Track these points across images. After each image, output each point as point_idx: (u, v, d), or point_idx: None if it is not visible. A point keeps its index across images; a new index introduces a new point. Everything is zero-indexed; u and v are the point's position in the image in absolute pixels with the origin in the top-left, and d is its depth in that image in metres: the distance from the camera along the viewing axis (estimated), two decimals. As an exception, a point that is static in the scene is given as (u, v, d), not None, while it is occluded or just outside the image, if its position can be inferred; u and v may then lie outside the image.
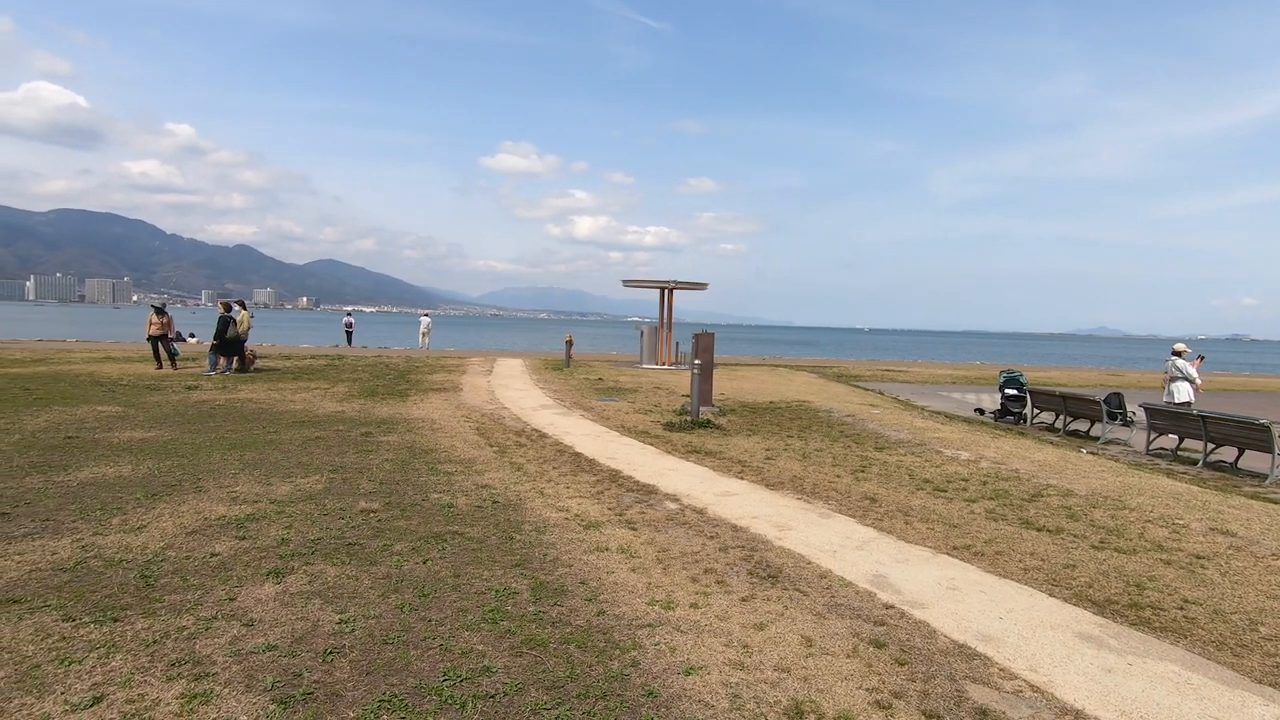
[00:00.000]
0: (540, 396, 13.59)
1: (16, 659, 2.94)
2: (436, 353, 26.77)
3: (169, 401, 10.83)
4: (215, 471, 6.45)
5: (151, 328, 16.02)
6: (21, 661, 2.92)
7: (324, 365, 18.38)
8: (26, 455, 6.84)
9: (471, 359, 23.17)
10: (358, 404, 11.37)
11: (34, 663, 2.91)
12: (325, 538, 4.67)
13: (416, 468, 6.93)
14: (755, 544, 4.98)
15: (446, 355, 25.31)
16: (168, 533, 4.66)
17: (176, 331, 17.34)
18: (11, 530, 4.61)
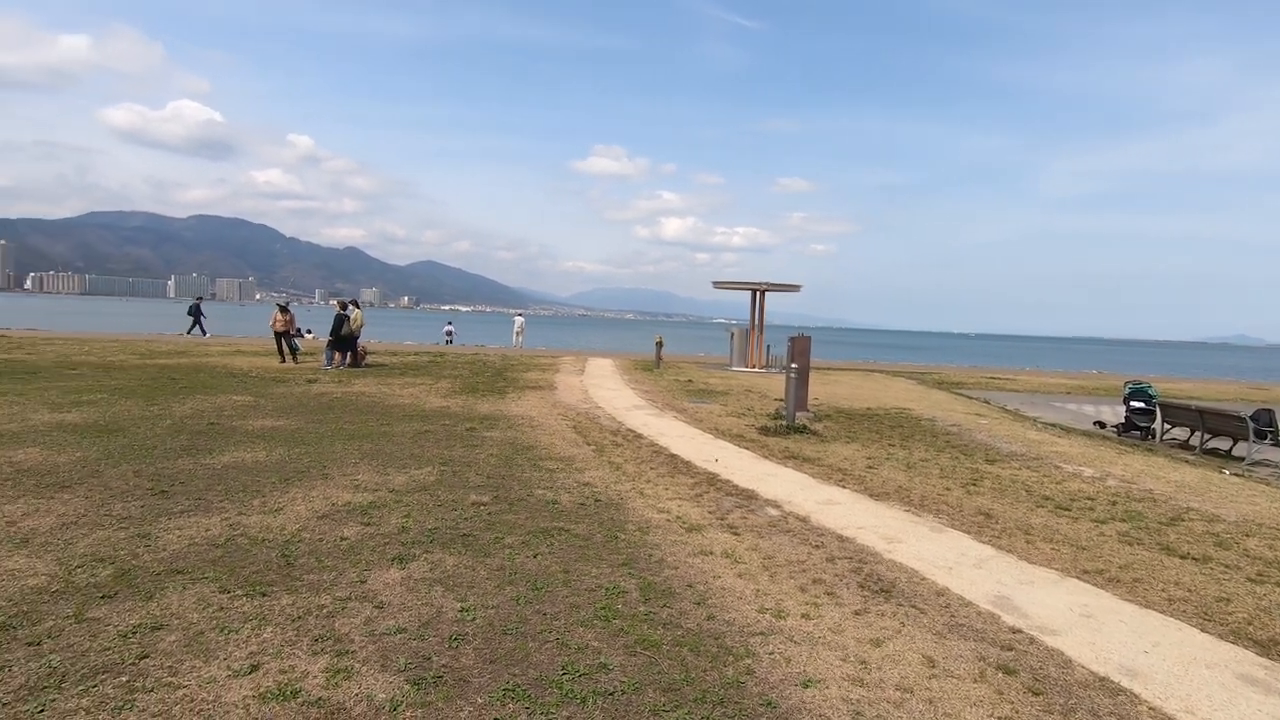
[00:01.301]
0: (633, 397, 13.72)
1: (185, 624, 3.24)
2: (530, 351, 27.55)
3: (293, 393, 11.67)
4: (338, 460, 6.90)
5: (276, 324, 17.34)
6: (189, 628, 3.22)
7: (427, 362, 19.30)
8: (177, 439, 7.54)
9: (563, 358, 23.70)
10: (460, 400, 11.86)
11: (199, 629, 3.21)
12: (441, 528, 4.89)
13: (520, 463, 7.15)
14: (864, 556, 4.82)
15: (539, 354, 26.01)
16: (301, 516, 5.02)
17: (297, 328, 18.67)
18: (170, 507, 5.10)
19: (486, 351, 26.28)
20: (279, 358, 17.20)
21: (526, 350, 28.37)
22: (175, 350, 19.15)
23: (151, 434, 7.71)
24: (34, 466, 6.07)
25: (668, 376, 18.40)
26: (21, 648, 2.97)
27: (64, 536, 4.38)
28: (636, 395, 13.99)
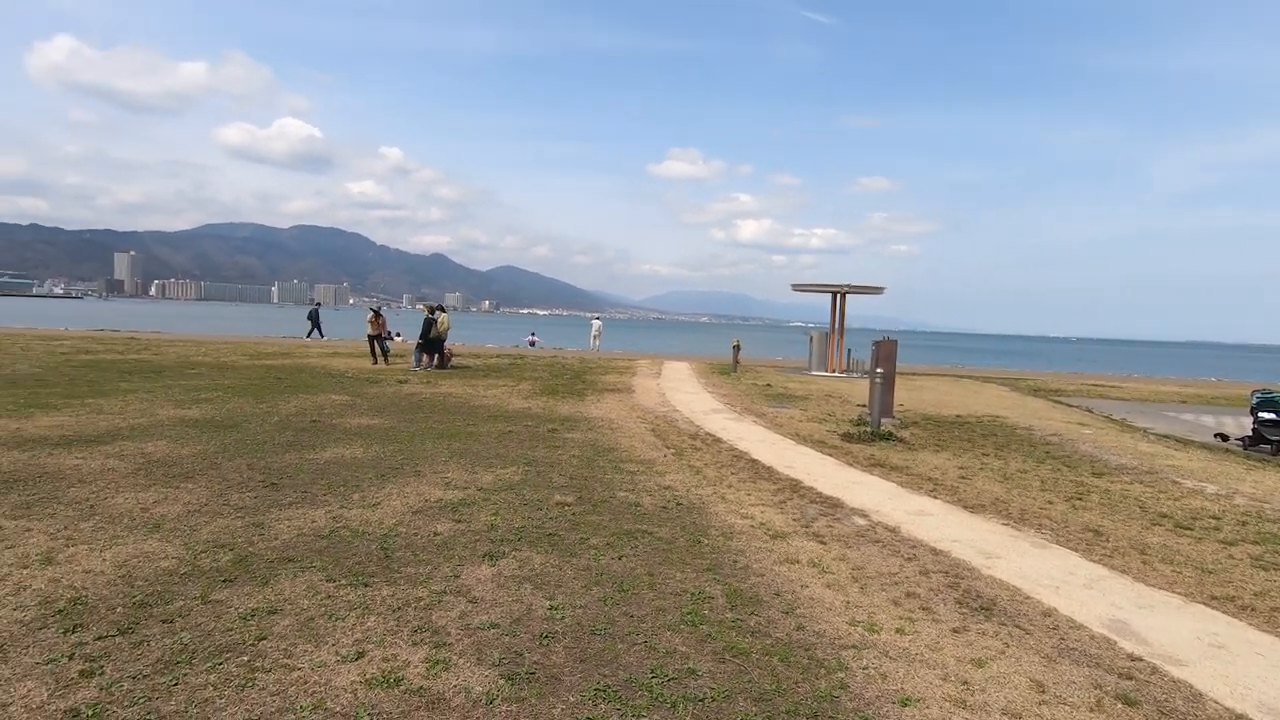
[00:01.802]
0: (710, 400, 13.64)
1: (297, 610, 3.45)
2: (606, 354, 27.87)
3: (385, 393, 12.25)
4: (429, 458, 7.18)
5: (370, 327, 18.25)
6: (300, 613, 3.42)
7: (508, 364, 19.84)
8: (283, 435, 8.05)
9: (639, 361, 23.84)
10: (541, 401, 12.11)
11: (309, 615, 3.40)
12: (528, 526, 5.00)
13: (601, 465, 7.23)
14: (960, 570, 4.59)
15: (616, 357, 26.26)
16: (397, 510, 5.25)
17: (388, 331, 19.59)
18: (280, 499, 5.44)
19: (565, 354, 26.76)
20: (372, 359, 18.09)
21: (603, 353, 28.70)
22: (280, 352, 20.47)
23: (261, 430, 8.26)
24: (162, 458, 6.61)
25: (745, 380, 18.20)
26: (157, 624, 3.24)
27: (189, 523, 4.74)
28: (714, 399, 13.90)
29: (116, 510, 4.95)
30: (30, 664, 2.86)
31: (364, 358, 18.83)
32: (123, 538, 4.40)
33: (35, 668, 2.83)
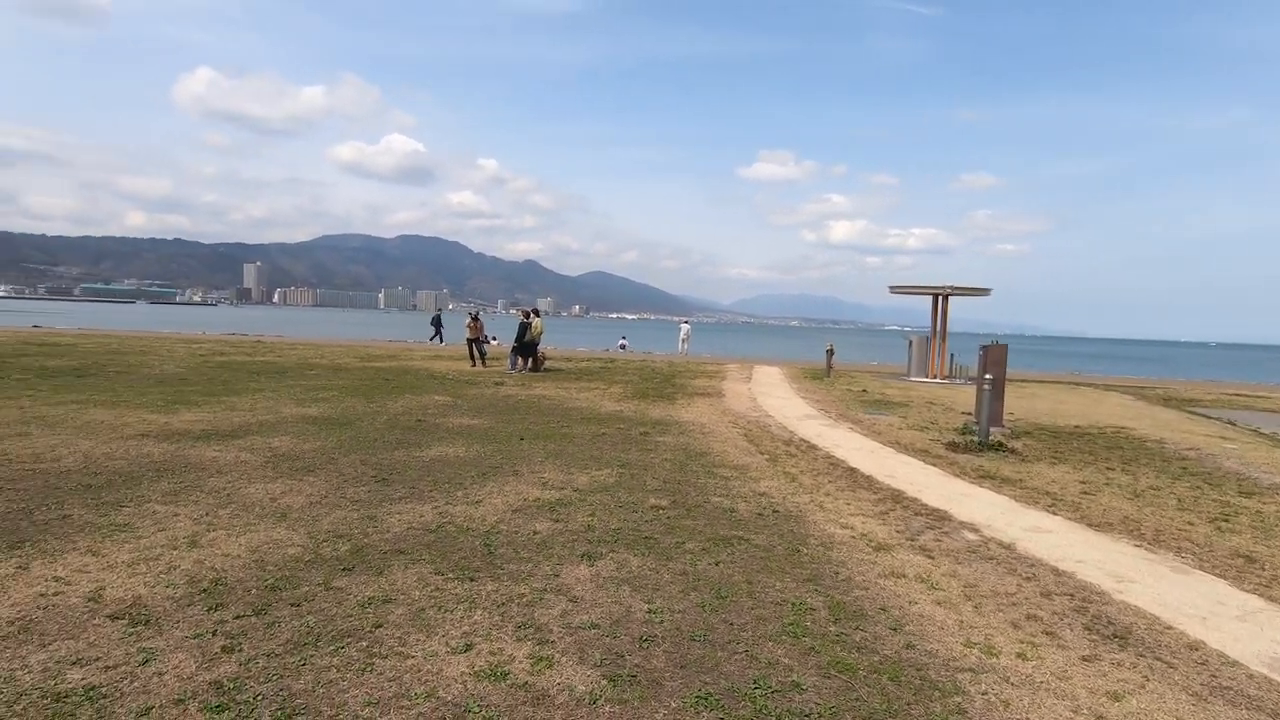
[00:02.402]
0: (803, 406, 13.31)
1: (409, 600, 3.61)
2: (695, 358, 27.78)
3: (483, 395, 12.71)
4: (526, 458, 7.37)
5: (468, 331, 19.03)
6: (413, 604, 3.58)
7: (599, 368, 20.14)
8: (392, 433, 8.50)
9: (728, 365, 23.61)
10: (632, 405, 12.21)
11: (420, 606, 3.55)
12: (624, 528, 5.04)
13: (694, 470, 7.19)
14: (1087, 594, 4.24)
15: (705, 361, 26.13)
16: (498, 508, 5.42)
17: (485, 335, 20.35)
18: (391, 494, 5.74)
19: (654, 358, 26.89)
20: (470, 362, 18.84)
21: (692, 357, 28.64)
22: (387, 355, 21.69)
23: (372, 428, 8.76)
24: (287, 452, 7.13)
25: (839, 385, 17.65)
26: (287, 607, 3.48)
27: (311, 514, 5.08)
28: (807, 404, 13.56)
29: (249, 499, 5.38)
30: (181, 637, 3.13)
31: (463, 360, 19.64)
32: (255, 525, 4.76)
33: (185, 641, 3.10)
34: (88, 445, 6.98)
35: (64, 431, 7.61)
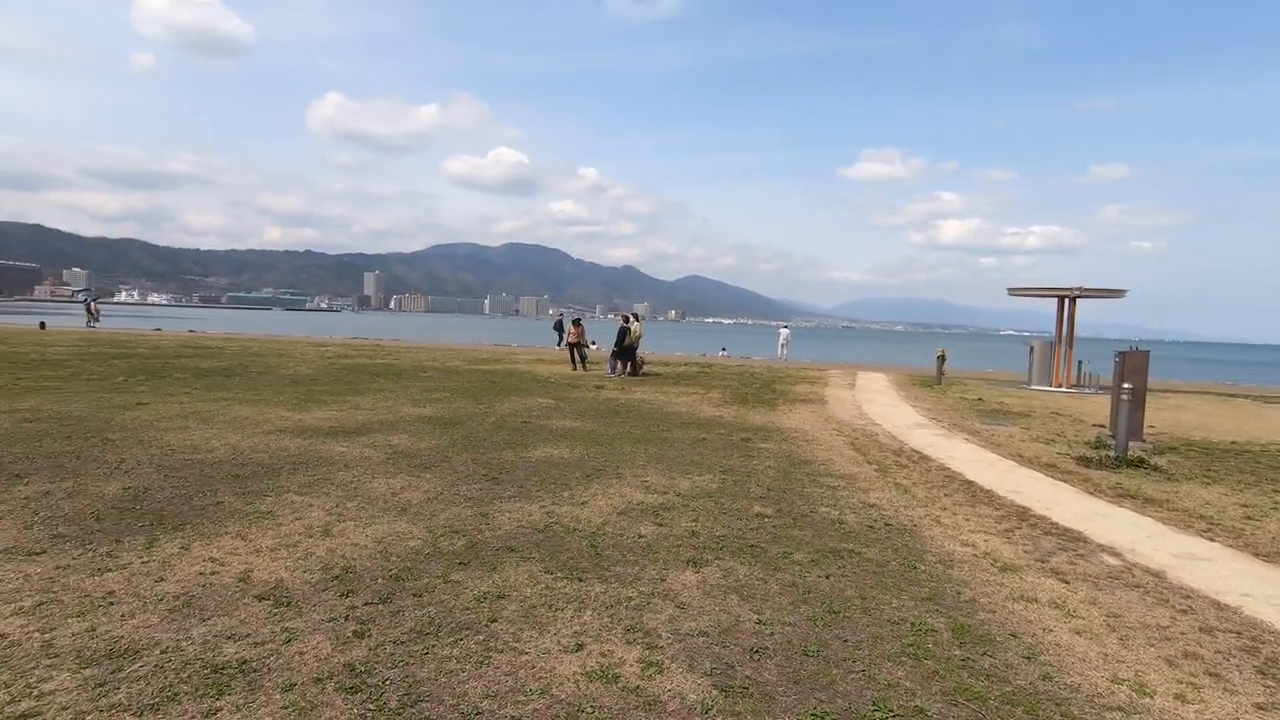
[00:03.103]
0: (913, 414, 12.68)
1: (521, 597, 3.71)
2: (795, 364, 27.16)
3: (585, 398, 12.96)
4: (628, 461, 7.44)
5: (570, 336, 19.49)
6: (524, 600, 3.68)
7: (697, 372, 20.07)
8: (499, 434, 8.81)
9: (830, 371, 22.91)
10: (732, 410, 12.07)
11: (532, 604, 3.64)
12: (729, 535, 4.96)
13: (798, 478, 7.00)
14: (1257, 632, 3.76)
15: (805, 366, 25.48)
16: (603, 510, 5.49)
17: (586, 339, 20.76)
18: (500, 492, 5.94)
19: (752, 363, 26.51)
20: (571, 366, 19.28)
21: (791, 362, 28.01)
22: (493, 358, 22.59)
23: (481, 428, 9.13)
24: (405, 449, 7.55)
25: (952, 393, 16.70)
26: (410, 597, 3.67)
27: (429, 509, 5.34)
28: (917, 413, 12.91)
29: (373, 493, 5.73)
30: (317, 620, 3.37)
31: (565, 364, 20.14)
32: (379, 518, 5.06)
33: (321, 624, 3.33)
34: (235, 439, 7.68)
35: (215, 425, 8.42)
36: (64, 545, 4.24)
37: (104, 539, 4.38)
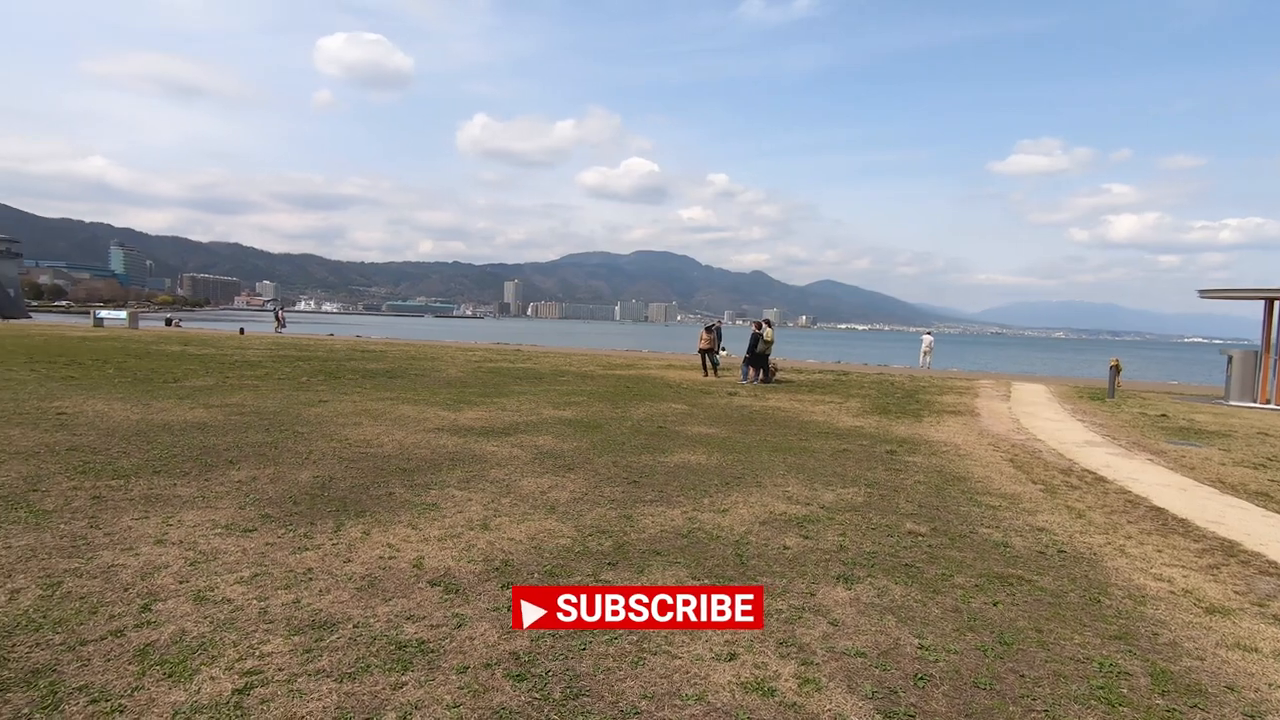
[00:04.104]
0: (1082, 430, 11.48)
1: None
2: (939, 372, 25.50)
3: (718, 404, 12.91)
4: (767, 470, 7.31)
5: (702, 342, 19.51)
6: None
7: (832, 380, 19.39)
8: (637, 438, 8.98)
9: (980, 381, 21.27)
10: (874, 420, 11.53)
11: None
12: (880, 552, 4.73)
13: (952, 495, 6.55)
14: None
15: (951, 376, 23.85)
16: (745, 519, 5.43)
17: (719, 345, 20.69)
18: (642, 495, 6.05)
19: (891, 371, 25.22)
20: (703, 372, 19.30)
21: (935, 371, 26.33)
22: (625, 364, 23.11)
23: (619, 432, 9.35)
24: (550, 450, 7.89)
25: (1128, 408, 14.94)
26: (564, 593, 3.81)
27: (576, 509, 5.54)
28: (1087, 429, 11.67)
29: (524, 491, 6.03)
30: (483, 608, 3.59)
31: (696, 370, 20.20)
32: (530, 515, 5.32)
33: (486, 612, 3.55)
34: (400, 435, 8.40)
35: (383, 423, 9.25)
36: (270, 525, 4.83)
37: (300, 521, 4.94)
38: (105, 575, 3.83)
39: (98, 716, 2.55)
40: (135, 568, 3.95)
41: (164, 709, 2.61)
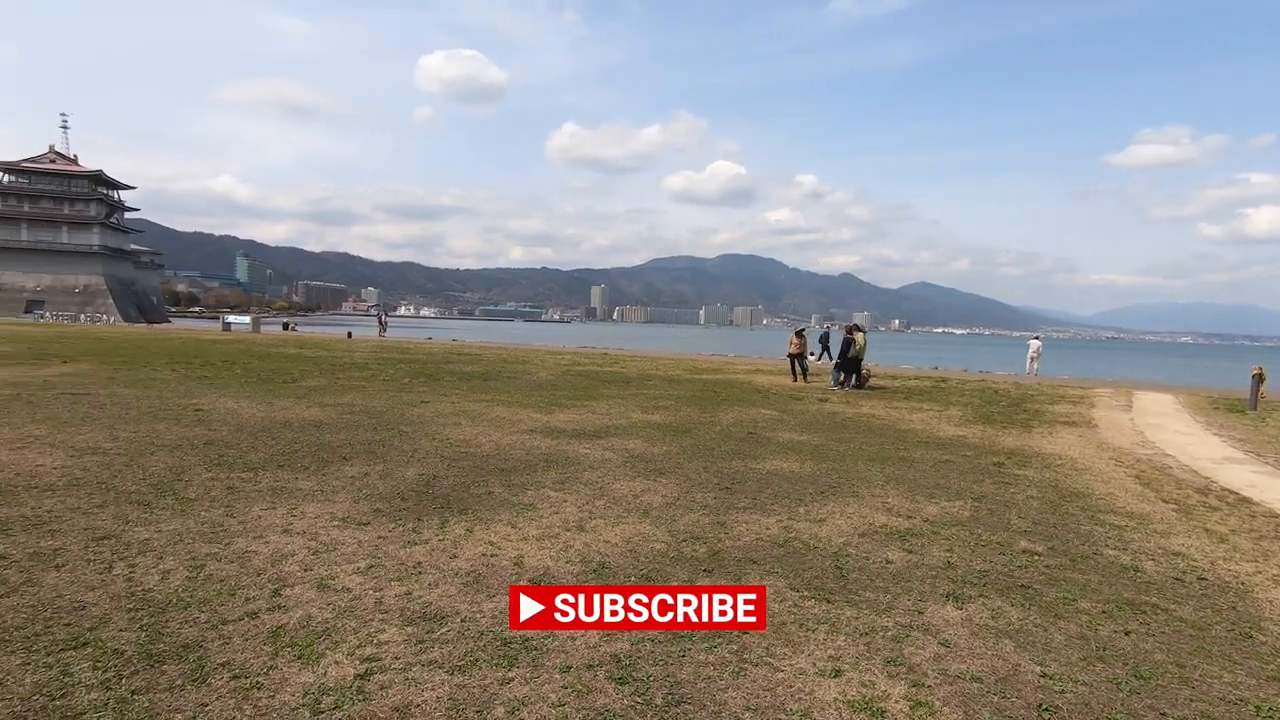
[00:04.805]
0: (1218, 445, 10.42)
1: (770, 612, 3.67)
2: (1048, 379, 23.86)
3: (809, 410, 12.61)
4: (863, 479, 7.06)
5: (791, 346, 19.11)
6: (773, 616, 3.63)
7: (930, 387, 18.52)
8: (727, 443, 8.89)
9: (1096, 390, 19.72)
10: (977, 430, 10.92)
11: (781, 620, 3.59)
12: (991, 571, 4.47)
13: (1070, 512, 6.10)
14: None
15: (1061, 383, 22.26)
16: (843, 530, 5.26)
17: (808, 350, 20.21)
18: (735, 502, 5.98)
19: (994, 378, 23.82)
20: (792, 377, 18.90)
21: (1044, 378, 24.65)
22: (711, 368, 22.98)
23: (708, 437, 9.30)
24: (640, 454, 7.95)
25: (1275, 422, 13.45)
26: (661, 598, 3.82)
27: (669, 513, 5.55)
28: (1225, 444, 10.59)
29: (617, 494, 6.10)
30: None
31: (784, 375, 19.81)
32: (624, 518, 5.37)
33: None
34: (497, 436, 8.69)
35: (480, 424, 9.60)
36: (381, 519, 5.11)
37: (408, 516, 5.19)
38: (240, 560, 4.17)
39: (239, 691, 2.77)
40: (265, 554, 4.28)
41: (296, 688, 2.81)
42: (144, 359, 18.31)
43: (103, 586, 3.72)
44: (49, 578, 3.81)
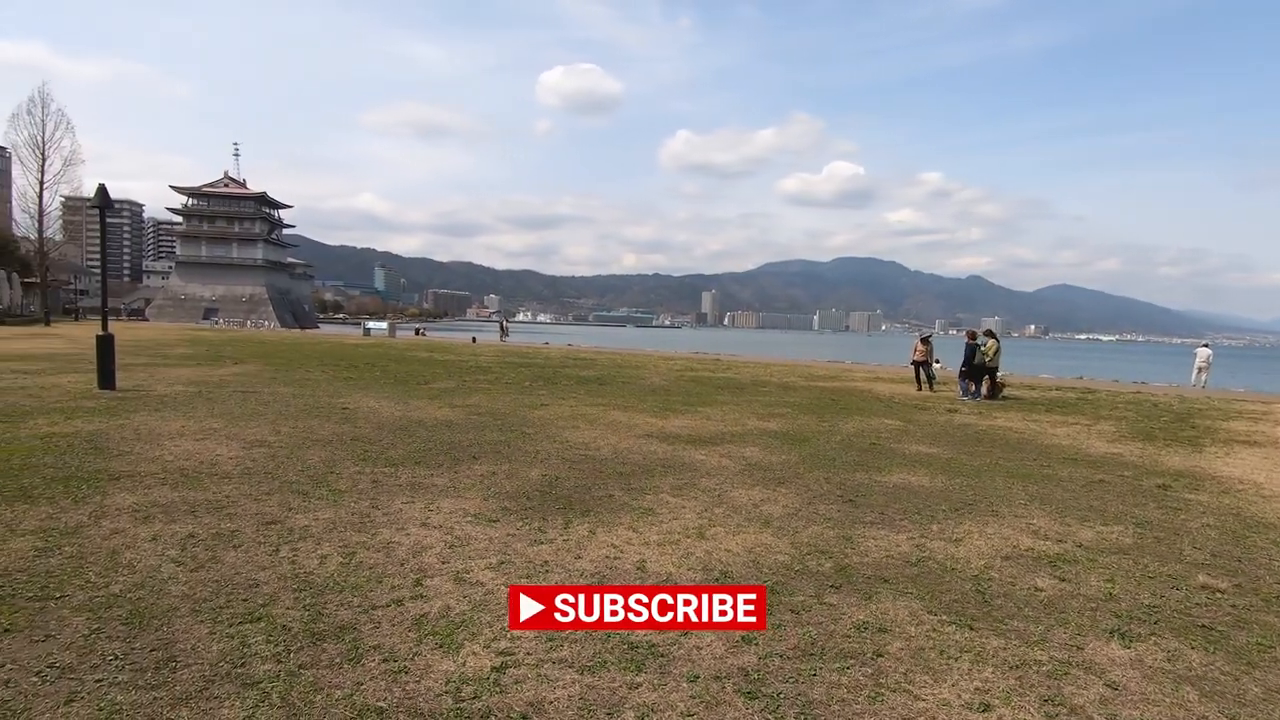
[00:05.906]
0: None
1: (905, 636, 3.48)
2: (1218, 392, 21.14)
3: (936, 422, 11.88)
4: (1003, 498, 6.55)
5: (916, 354, 18.14)
6: (909, 640, 3.43)
7: (1074, 399, 16.93)
8: (848, 454, 8.54)
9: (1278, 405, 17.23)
10: (1135, 447, 9.85)
11: (919, 645, 3.39)
12: (1163, 607, 3.99)
13: (1259, 545, 5.34)
14: None
15: (1236, 397, 19.64)
16: (983, 552, 4.89)
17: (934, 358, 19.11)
18: (861, 516, 5.72)
19: (1151, 389, 21.43)
20: (916, 385, 17.92)
21: (1213, 390, 21.88)
22: (828, 375, 22.23)
23: (828, 446, 8.98)
24: (758, 462, 7.80)
25: None
26: (788, 613, 3.72)
27: (791, 524, 5.40)
28: None
29: (736, 502, 6.01)
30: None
31: (906, 384, 18.82)
32: (745, 527, 5.28)
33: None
34: (614, 440, 8.83)
35: (598, 427, 9.80)
36: (509, 517, 5.32)
37: (534, 515, 5.38)
38: (385, 550, 4.48)
39: (389, 674, 2.96)
40: (407, 545, 4.57)
41: (438, 676, 2.96)
42: (299, 361, 20.26)
43: (272, 567, 4.12)
44: (229, 556, 4.27)
